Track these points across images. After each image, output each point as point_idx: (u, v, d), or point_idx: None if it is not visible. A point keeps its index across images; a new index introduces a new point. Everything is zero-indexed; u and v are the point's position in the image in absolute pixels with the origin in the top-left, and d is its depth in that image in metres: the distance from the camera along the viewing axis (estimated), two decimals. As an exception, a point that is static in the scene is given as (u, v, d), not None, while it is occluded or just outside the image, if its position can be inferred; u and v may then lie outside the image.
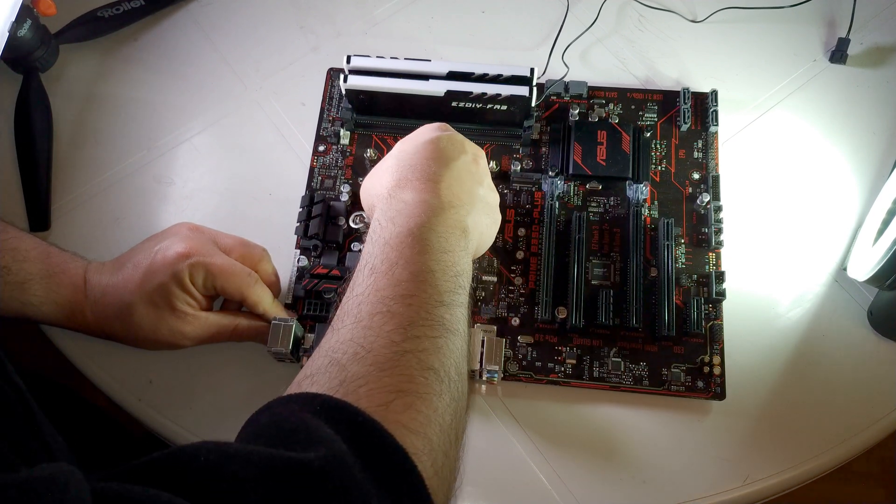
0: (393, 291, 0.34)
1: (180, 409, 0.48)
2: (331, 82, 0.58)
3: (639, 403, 0.47)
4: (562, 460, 0.46)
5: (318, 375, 0.32)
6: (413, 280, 0.35)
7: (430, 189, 0.40)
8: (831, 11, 0.59)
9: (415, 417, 0.30)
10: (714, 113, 0.53)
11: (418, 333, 0.33)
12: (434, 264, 0.36)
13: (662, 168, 0.53)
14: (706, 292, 0.49)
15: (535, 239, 0.51)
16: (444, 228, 0.39)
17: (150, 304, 0.44)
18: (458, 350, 0.34)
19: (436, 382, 0.32)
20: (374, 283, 0.35)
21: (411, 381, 0.31)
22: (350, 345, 0.32)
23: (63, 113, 0.57)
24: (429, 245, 0.37)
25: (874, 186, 0.53)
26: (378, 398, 0.30)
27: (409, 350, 0.32)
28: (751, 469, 0.45)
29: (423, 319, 0.34)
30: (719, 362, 0.47)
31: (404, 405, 0.30)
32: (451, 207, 0.40)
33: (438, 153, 0.42)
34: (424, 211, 0.39)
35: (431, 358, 0.32)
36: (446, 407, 0.32)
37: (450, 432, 0.32)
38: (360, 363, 0.31)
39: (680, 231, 0.51)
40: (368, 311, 0.34)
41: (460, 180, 0.42)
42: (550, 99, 0.56)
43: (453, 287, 0.36)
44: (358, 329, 0.33)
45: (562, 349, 0.48)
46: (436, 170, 0.41)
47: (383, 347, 0.32)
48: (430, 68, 0.51)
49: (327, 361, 0.32)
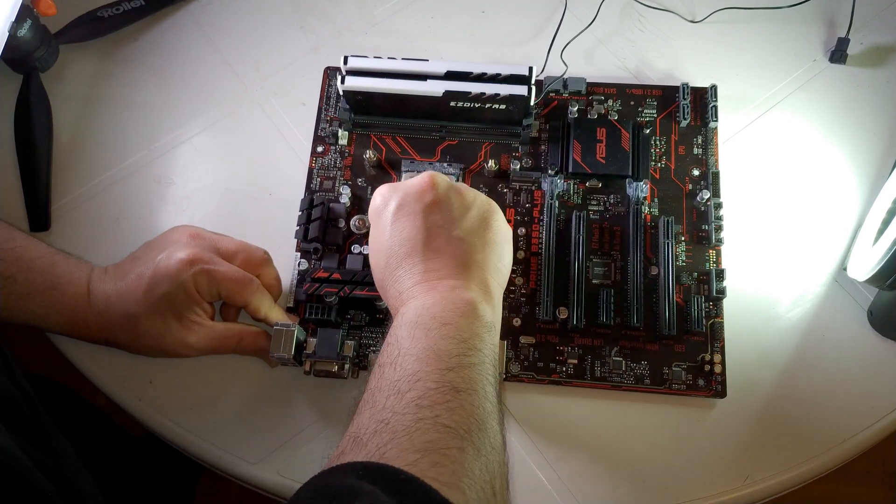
0: (400, 375, 0.35)
1: (181, 409, 0.48)
2: (328, 82, 0.58)
3: (640, 402, 0.47)
4: (562, 460, 0.46)
5: (345, 455, 0.32)
6: (415, 360, 0.35)
7: (419, 289, 0.40)
8: (831, 11, 0.59)
9: (443, 472, 0.30)
10: (713, 108, 0.53)
11: (429, 402, 0.33)
12: (432, 342, 0.36)
13: (662, 165, 0.53)
14: (707, 290, 0.49)
15: (535, 238, 0.51)
16: (440, 309, 0.38)
17: (156, 314, 0.44)
18: (476, 406, 0.34)
19: (454, 439, 0.32)
20: (384, 375, 0.36)
21: (430, 441, 0.32)
22: (369, 424, 0.33)
23: (63, 113, 0.57)
24: (426, 328, 0.37)
25: (874, 186, 0.53)
26: (404, 458, 0.31)
27: (423, 417, 0.33)
28: (751, 469, 0.45)
29: (431, 390, 0.34)
30: (720, 360, 0.47)
31: (430, 462, 0.31)
32: (446, 289, 0.39)
33: (401, 251, 0.41)
34: (416, 306, 0.39)
35: (445, 419, 0.33)
36: (472, 461, 0.32)
37: (484, 486, 0.32)
38: (380, 435, 0.32)
39: (680, 228, 0.51)
40: (382, 396, 0.34)
41: (440, 252, 0.41)
42: (549, 96, 0.56)
43: (459, 351, 0.36)
44: (375, 412, 0.34)
45: (563, 349, 0.48)
46: (412, 268, 0.41)
47: (398, 421, 0.33)
48: (428, 68, 0.51)
49: (351, 441, 0.33)
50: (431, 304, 0.38)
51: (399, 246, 0.41)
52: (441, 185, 0.42)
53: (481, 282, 0.41)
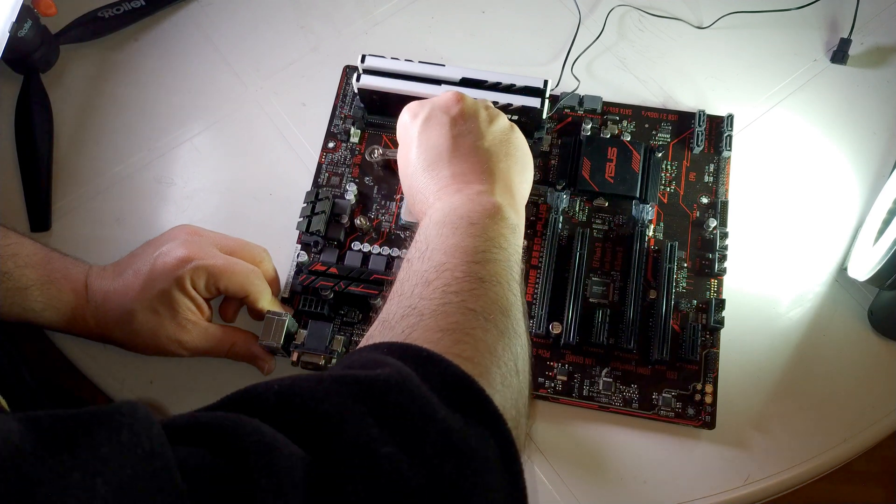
0: (428, 266, 0.37)
1: (181, 409, 0.48)
2: (346, 79, 0.58)
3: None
4: (563, 460, 0.46)
5: (373, 337, 0.34)
6: (444, 254, 0.37)
7: (445, 193, 0.41)
8: (833, 12, 0.59)
9: (464, 349, 0.32)
10: (728, 138, 0.53)
11: (455, 289, 0.35)
12: (460, 239, 0.38)
13: (671, 190, 0.52)
14: (705, 319, 0.48)
15: (536, 251, 0.51)
16: (467, 210, 0.39)
17: (151, 310, 0.44)
18: (500, 296, 0.36)
19: (477, 320, 0.34)
20: (412, 267, 0.37)
21: (454, 322, 0.33)
22: (397, 309, 0.35)
23: (64, 113, 0.57)
24: (454, 226, 0.38)
25: (875, 186, 0.53)
26: (427, 336, 0.32)
27: (448, 301, 0.34)
28: (751, 469, 0.45)
29: (456, 279, 0.35)
30: (711, 391, 0.46)
31: (453, 340, 0.32)
32: (473, 193, 0.41)
33: (428, 159, 0.43)
34: (443, 207, 0.40)
35: (470, 303, 0.34)
36: (494, 340, 0.33)
37: (507, 363, 0.33)
38: (407, 319, 0.34)
39: (683, 255, 0.50)
40: (409, 285, 0.36)
41: (466, 160, 0.42)
42: (564, 112, 0.55)
43: (485, 247, 0.37)
44: (403, 299, 0.35)
45: (553, 364, 0.48)
46: (438, 174, 0.42)
47: (426, 305, 0.34)
48: (444, 73, 0.51)
49: (380, 326, 0.35)
50: (459, 204, 0.40)
51: (426, 153, 0.43)
52: (468, 99, 0.45)
53: (506, 187, 0.42)
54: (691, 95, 0.57)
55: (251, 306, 0.47)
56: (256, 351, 0.47)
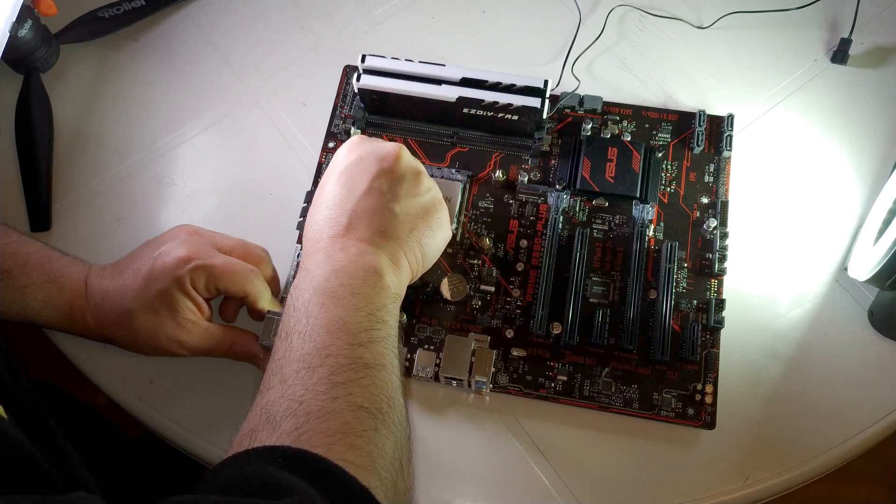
0: (310, 348, 0.36)
1: (181, 409, 0.48)
2: (346, 79, 0.58)
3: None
4: (563, 460, 0.46)
5: (259, 432, 0.33)
6: (326, 332, 0.36)
7: (333, 243, 0.41)
8: (834, 12, 0.59)
9: (359, 455, 0.32)
10: (728, 138, 0.52)
11: (341, 380, 0.34)
12: (342, 312, 0.37)
13: (671, 190, 0.52)
14: (705, 318, 0.48)
15: (536, 252, 0.51)
16: (349, 276, 0.39)
17: (151, 310, 0.44)
18: (386, 382, 0.36)
19: (369, 419, 0.34)
20: (292, 345, 0.36)
21: (346, 423, 0.33)
22: (281, 402, 0.34)
23: (64, 113, 0.57)
24: (335, 296, 0.38)
25: (875, 186, 0.53)
26: (320, 440, 0.31)
27: (337, 396, 0.34)
28: (751, 469, 0.45)
29: (342, 366, 0.35)
30: (712, 391, 0.46)
31: (346, 445, 0.32)
32: (357, 253, 0.40)
33: (337, 197, 0.43)
34: (326, 265, 0.40)
35: (359, 398, 0.34)
36: (384, 440, 0.34)
37: (394, 463, 0.33)
38: (295, 416, 0.33)
39: (683, 255, 0.50)
40: (292, 369, 0.35)
41: (369, 215, 0.42)
42: (564, 112, 0.55)
43: (368, 325, 0.37)
44: (285, 388, 0.34)
45: (553, 365, 0.48)
46: (337, 218, 0.42)
47: (312, 399, 0.33)
48: (444, 73, 0.51)
49: (264, 419, 0.33)
50: (341, 267, 0.39)
51: (339, 190, 0.43)
52: (405, 159, 0.44)
53: (392, 253, 0.42)
54: (691, 95, 0.57)
55: (251, 306, 0.47)
56: (256, 351, 0.47)
